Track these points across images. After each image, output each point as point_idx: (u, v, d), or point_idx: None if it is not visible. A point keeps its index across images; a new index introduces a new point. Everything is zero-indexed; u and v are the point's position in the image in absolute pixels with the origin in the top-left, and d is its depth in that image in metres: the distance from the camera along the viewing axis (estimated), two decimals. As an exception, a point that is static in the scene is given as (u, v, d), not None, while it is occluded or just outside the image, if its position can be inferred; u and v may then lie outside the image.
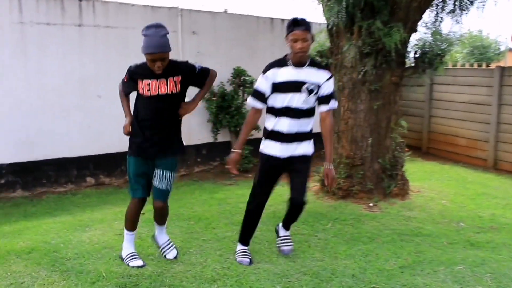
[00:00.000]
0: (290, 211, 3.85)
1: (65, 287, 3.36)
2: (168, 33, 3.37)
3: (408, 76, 5.82)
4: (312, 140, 3.70)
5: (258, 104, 3.59)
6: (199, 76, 3.65)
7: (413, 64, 5.81)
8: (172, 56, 3.46)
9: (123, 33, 7.26)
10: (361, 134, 5.79)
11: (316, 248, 4.16)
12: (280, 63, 3.53)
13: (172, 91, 3.48)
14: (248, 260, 3.78)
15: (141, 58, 3.35)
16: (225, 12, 8.89)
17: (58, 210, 5.76)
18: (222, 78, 8.19)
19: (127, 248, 3.79)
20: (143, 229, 4.63)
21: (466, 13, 6.22)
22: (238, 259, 3.79)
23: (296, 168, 3.65)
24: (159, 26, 3.36)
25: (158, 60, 3.29)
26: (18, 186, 6.63)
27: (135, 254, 3.75)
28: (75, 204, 6.10)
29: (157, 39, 3.28)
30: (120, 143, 7.34)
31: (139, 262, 3.66)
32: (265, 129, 3.70)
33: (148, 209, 5.38)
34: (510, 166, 8.01)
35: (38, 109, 6.68)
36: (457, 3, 6.16)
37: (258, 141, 8.71)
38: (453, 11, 6.21)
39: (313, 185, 6.49)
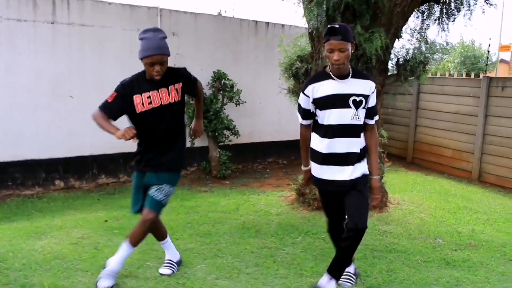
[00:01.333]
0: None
1: (2, 302, 3.10)
2: (166, 37, 3.18)
3: (390, 84, 5.60)
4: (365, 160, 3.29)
5: (304, 121, 3.31)
6: (193, 84, 3.45)
7: (395, 72, 5.59)
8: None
9: (99, 32, 6.99)
10: (339, 143, 5.55)
11: (281, 264, 3.92)
12: (320, 77, 3.20)
13: (174, 100, 3.25)
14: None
15: (118, 61, 3.09)
16: (219, 14, 8.67)
17: (18, 215, 5.47)
18: (202, 81, 7.88)
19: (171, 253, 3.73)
20: (103, 238, 4.39)
21: (453, 21, 6.03)
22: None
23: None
24: (157, 30, 3.19)
25: (157, 64, 3.08)
26: (-19, 188, 6.35)
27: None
28: (37, 208, 5.81)
29: (156, 41, 3.08)
30: (91, 146, 7.11)
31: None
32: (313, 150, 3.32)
33: (110, 216, 5.17)
34: (494, 179, 7.82)
35: (6, 108, 6.39)
36: (444, 10, 5.97)
37: (237, 147, 8.52)
38: (439, 18, 6.02)
39: (288, 195, 6.27)
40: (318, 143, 3.22)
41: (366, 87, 3.15)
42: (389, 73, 5.66)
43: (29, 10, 6.46)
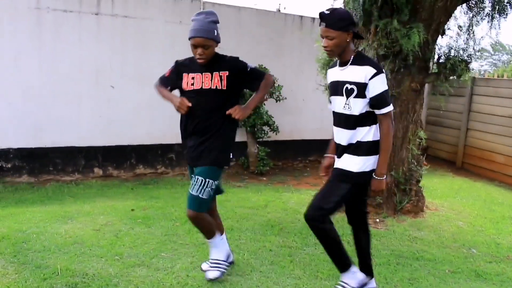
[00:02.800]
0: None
1: (16, 280, 3.20)
2: (217, 22, 3.13)
3: (430, 83, 5.31)
4: (364, 156, 2.99)
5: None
6: (251, 77, 3.27)
7: (436, 70, 5.30)
8: (187, 50, 3.23)
9: (142, 24, 7.11)
10: (374, 143, 5.35)
11: (298, 264, 3.81)
12: (334, 63, 3.21)
13: (216, 86, 3.14)
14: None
15: (159, 53, 3.13)
16: (278, 11, 8.60)
17: (52, 199, 5.66)
18: (243, 76, 7.91)
19: (213, 252, 3.44)
20: (125, 226, 4.45)
21: (505, 17, 5.65)
22: None
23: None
24: (209, 13, 3.14)
25: (200, 47, 3.04)
26: (24, 171, 6.61)
27: (218, 261, 3.39)
28: (71, 194, 5.99)
29: (201, 23, 3.05)
30: (131, 136, 7.26)
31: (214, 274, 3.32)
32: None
33: (138, 206, 5.24)
34: (549, 190, 7.30)
35: (50, 95, 6.63)
36: (496, 6, 5.61)
37: (278, 143, 8.42)
38: (490, 14, 5.66)
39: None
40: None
41: (361, 74, 2.90)
42: (429, 72, 5.37)
43: (75, 1, 6.65)
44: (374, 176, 2.98)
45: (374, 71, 2.88)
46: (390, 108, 2.94)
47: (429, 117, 9.94)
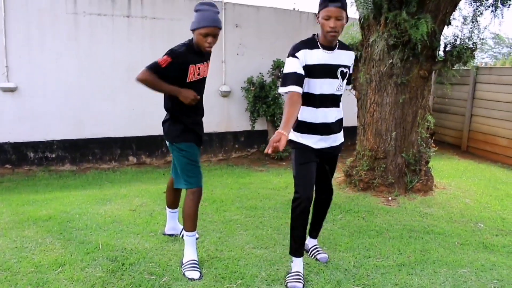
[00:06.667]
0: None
1: (62, 254, 3.23)
2: (219, 13, 3.04)
3: (437, 70, 5.18)
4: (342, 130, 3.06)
5: (296, 88, 2.68)
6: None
7: (442, 58, 5.16)
8: (215, 47, 3.16)
9: (169, 24, 7.10)
10: (385, 128, 5.26)
11: (318, 238, 3.75)
12: (309, 44, 2.79)
13: (207, 75, 3.23)
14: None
15: None
16: (293, 10, 8.51)
17: (92, 185, 5.71)
18: (262, 70, 7.87)
19: (189, 253, 3.08)
20: (159, 207, 4.46)
21: (508, 7, 5.47)
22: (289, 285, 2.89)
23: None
24: (213, 4, 3.02)
25: (211, 36, 2.92)
26: (66, 160, 6.70)
27: (196, 262, 3.04)
28: (109, 179, 6.05)
29: (212, 14, 2.94)
30: (161, 127, 7.26)
31: (195, 274, 2.94)
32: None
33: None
34: (551, 169, 7.08)
35: (88, 92, 6.69)
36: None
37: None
38: (493, 4, 5.48)
39: (338, 176, 6.05)
40: (309, 113, 2.86)
41: (351, 58, 2.91)
42: (437, 60, 5.24)
43: (108, 6, 6.68)
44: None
45: (353, 53, 2.97)
46: None
47: (436, 104, 9.73)
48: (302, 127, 2.90)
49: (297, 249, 2.97)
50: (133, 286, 2.79)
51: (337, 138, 3.02)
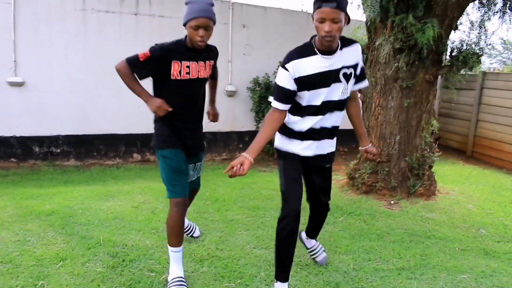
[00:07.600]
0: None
1: (64, 248, 3.26)
2: (214, 5, 2.73)
3: (443, 74, 5.16)
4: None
5: (281, 105, 2.49)
6: (216, 65, 3.13)
7: (448, 63, 5.15)
8: (222, 47, 3.10)
9: (177, 23, 7.08)
10: (389, 131, 5.25)
11: (318, 240, 3.75)
12: (305, 51, 2.46)
13: (205, 76, 2.90)
14: None
15: None
16: (301, 11, 8.51)
17: (95, 180, 5.74)
18: (268, 70, 7.87)
19: (174, 270, 2.83)
20: (161, 204, 4.48)
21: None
22: None
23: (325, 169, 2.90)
24: None
25: (202, 28, 2.62)
26: (71, 156, 6.74)
27: (182, 280, 2.78)
28: (113, 176, 6.08)
29: (204, 5, 2.64)
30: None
31: None
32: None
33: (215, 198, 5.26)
34: (556, 177, 7.03)
35: (95, 88, 6.73)
36: (508, 2, 5.40)
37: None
38: (501, 10, 5.46)
39: (341, 178, 6.04)
40: (303, 122, 2.62)
41: (356, 53, 2.53)
42: (443, 64, 5.22)
43: (116, 3, 6.71)
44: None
45: (359, 45, 2.58)
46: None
47: (441, 109, 9.70)
48: (294, 134, 2.69)
49: (283, 272, 2.68)
50: (133, 283, 2.81)
51: (327, 146, 2.76)
